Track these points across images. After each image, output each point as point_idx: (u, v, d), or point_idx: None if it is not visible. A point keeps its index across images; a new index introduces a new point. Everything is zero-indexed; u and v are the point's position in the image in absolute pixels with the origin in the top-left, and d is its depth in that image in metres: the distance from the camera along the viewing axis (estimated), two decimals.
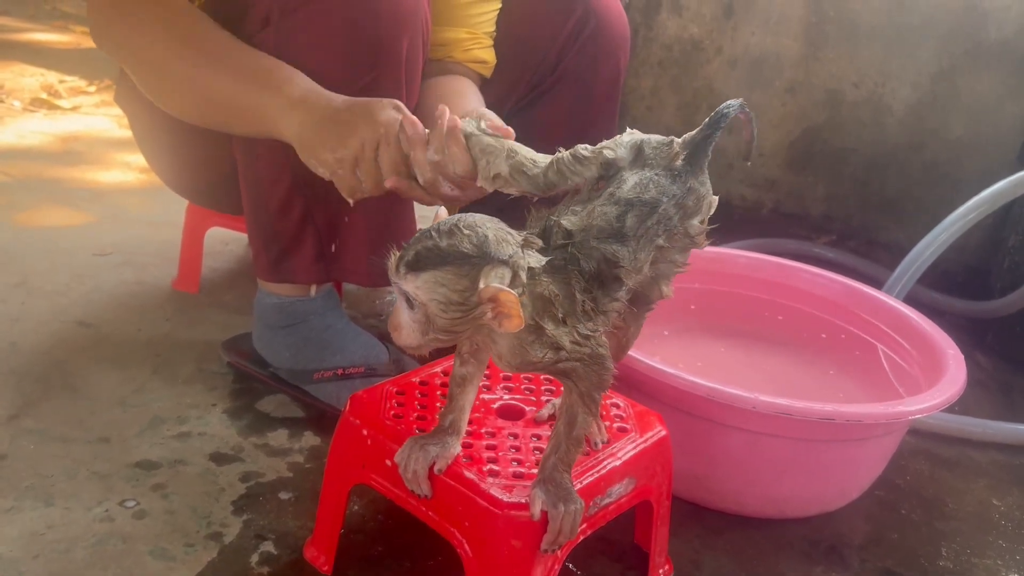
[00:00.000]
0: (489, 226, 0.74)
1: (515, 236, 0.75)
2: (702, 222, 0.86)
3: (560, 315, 0.75)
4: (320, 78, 1.07)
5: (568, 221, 0.78)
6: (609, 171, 0.83)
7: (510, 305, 0.71)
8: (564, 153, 0.85)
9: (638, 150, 0.84)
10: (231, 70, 1.06)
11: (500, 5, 1.38)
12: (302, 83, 1.04)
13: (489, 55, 1.38)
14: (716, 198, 0.87)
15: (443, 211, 0.79)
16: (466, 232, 0.72)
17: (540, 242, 0.76)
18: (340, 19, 1.07)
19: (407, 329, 0.75)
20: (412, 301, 0.73)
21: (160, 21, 1.08)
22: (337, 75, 1.08)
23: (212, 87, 1.07)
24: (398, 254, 0.74)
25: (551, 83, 1.41)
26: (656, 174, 0.82)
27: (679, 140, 0.85)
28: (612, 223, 0.78)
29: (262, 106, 1.04)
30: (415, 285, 0.72)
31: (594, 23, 1.37)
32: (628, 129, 0.88)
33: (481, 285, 0.71)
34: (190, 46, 1.07)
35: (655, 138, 0.85)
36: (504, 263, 0.72)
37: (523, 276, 0.73)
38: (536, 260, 0.74)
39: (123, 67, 1.15)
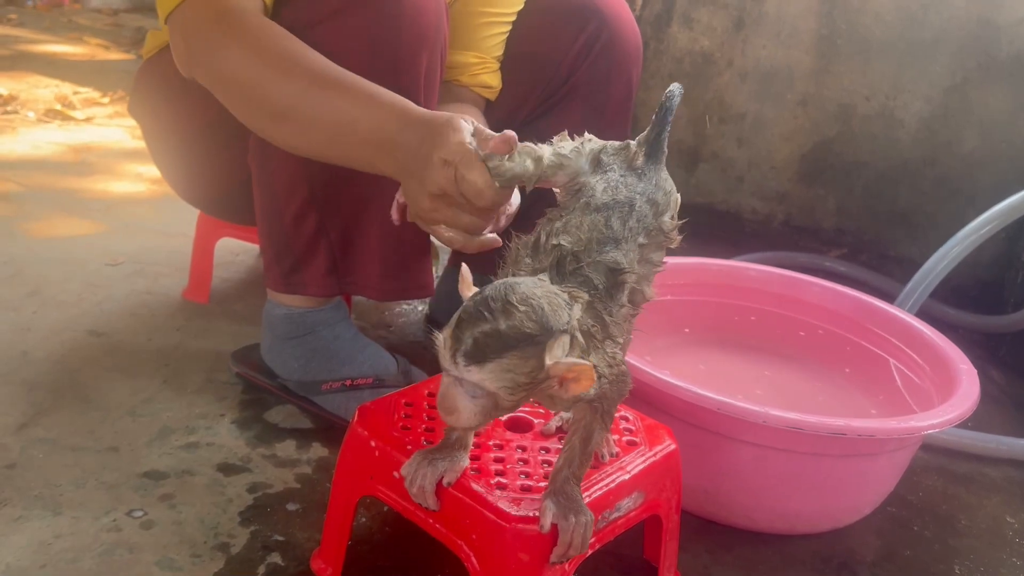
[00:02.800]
0: (539, 293, 0.70)
1: (561, 294, 0.72)
2: (672, 218, 0.87)
3: (599, 343, 0.74)
4: None
5: (567, 241, 0.78)
6: (575, 182, 0.84)
7: (585, 374, 0.69)
8: (558, 144, 0.86)
9: (596, 159, 0.85)
10: (348, 93, 1.00)
11: (510, 28, 1.39)
12: (418, 109, 0.98)
13: (495, 80, 1.38)
14: (679, 195, 0.89)
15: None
16: (523, 309, 0.68)
17: (585, 295, 0.75)
18: (362, 35, 1.07)
19: (468, 414, 0.71)
20: (475, 389, 0.70)
21: (265, 54, 1.02)
22: None
23: (332, 112, 1.00)
24: (450, 340, 0.69)
25: (562, 96, 1.41)
26: (621, 175, 0.84)
27: (634, 141, 0.87)
28: (603, 230, 0.79)
29: (383, 129, 0.97)
30: (480, 377, 0.68)
31: (607, 36, 1.38)
32: (586, 134, 0.89)
33: (549, 362, 0.69)
34: (303, 75, 1.01)
35: (612, 144, 0.87)
36: (564, 331, 0.70)
37: (580, 337, 0.72)
38: (579, 310, 0.73)
39: (221, 99, 1.08)
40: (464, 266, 0.76)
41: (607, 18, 1.38)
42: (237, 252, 1.83)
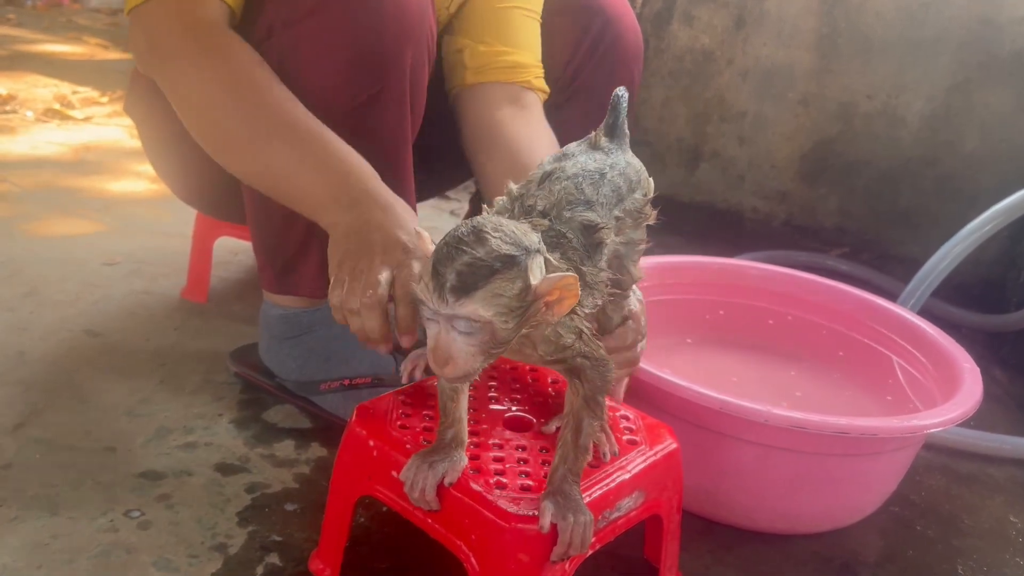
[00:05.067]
0: (503, 222, 0.71)
1: (522, 224, 0.74)
2: (645, 195, 0.89)
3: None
4: (323, 91, 1.06)
5: (540, 203, 0.79)
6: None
7: (572, 288, 0.70)
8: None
9: (562, 153, 0.87)
10: (296, 147, 1.02)
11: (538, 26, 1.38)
12: (362, 184, 1.00)
13: (544, 86, 1.37)
14: (652, 180, 0.91)
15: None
16: (496, 234, 0.69)
17: (546, 222, 0.77)
18: (343, 32, 1.06)
19: (464, 357, 0.70)
20: (470, 325, 0.69)
21: (227, 79, 1.02)
22: (340, 88, 1.07)
23: (273, 159, 1.02)
24: (432, 282, 0.69)
25: (566, 97, 1.40)
26: (588, 156, 0.86)
27: (593, 134, 0.90)
28: (575, 193, 0.80)
29: (315, 194, 1.01)
30: (472, 307, 0.68)
31: (611, 37, 1.37)
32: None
33: (534, 281, 0.69)
34: (258, 113, 1.02)
35: (574, 143, 0.90)
36: (537, 251, 0.71)
37: (552, 259, 0.73)
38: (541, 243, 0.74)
39: (173, 105, 1.08)
40: (422, 231, 0.78)
41: (611, 17, 1.37)
42: (236, 252, 1.82)
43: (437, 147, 1.36)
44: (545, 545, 0.79)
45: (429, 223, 1.23)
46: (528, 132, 1.27)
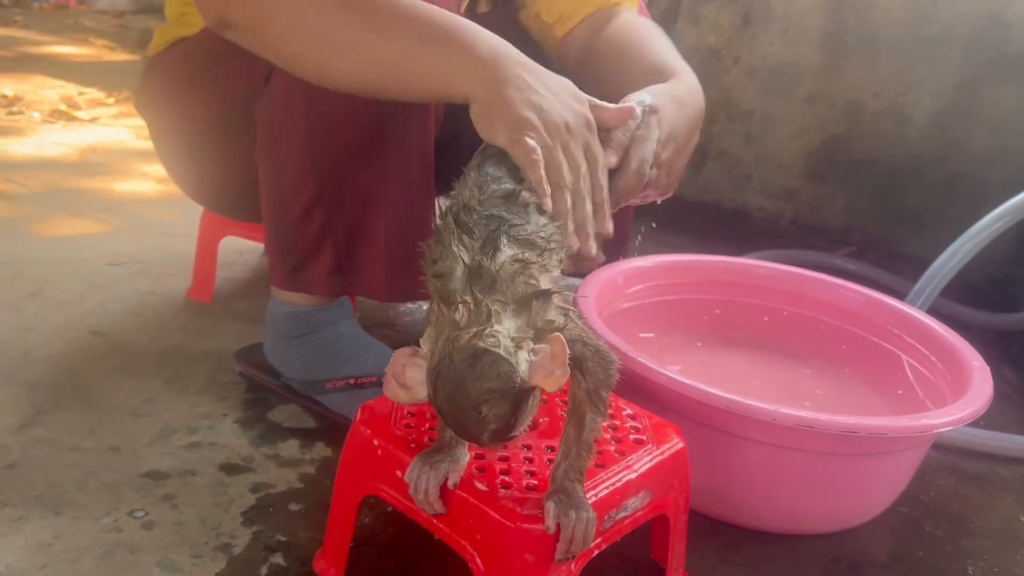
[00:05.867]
0: (480, 357, 0.67)
1: (478, 319, 0.69)
2: None
3: (541, 262, 0.75)
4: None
5: (455, 200, 0.80)
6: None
7: (563, 355, 0.67)
8: None
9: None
10: (404, 32, 0.94)
11: None
12: (488, 40, 0.93)
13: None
14: None
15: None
16: (494, 384, 0.66)
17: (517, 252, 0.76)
18: None
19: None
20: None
21: None
22: None
23: (384, 53, 0.95)
24: (467, 441, 0.73)
25: None
26: (481, 151, 0.89)
27: None
28: (481, 177, 0.82)
29: (445, 71, 0.93)
30: (515, 439, 0.71)
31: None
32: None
33: (536, 381, 0.68)
34: (353, 8, 0.95)
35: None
36: (519, 348, 0.69)
37: (511, 314, 0.70)
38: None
39: (257, 43, 1.01)
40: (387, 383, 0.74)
41: None
42: (241, 252, 1.82)
43: (450, 143, 1.35)
44: (550, 545, 0.79)
45: None
46: (636, 36, 1.26)
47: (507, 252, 0.72)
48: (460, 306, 0.70)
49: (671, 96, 1.05)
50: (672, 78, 1.14)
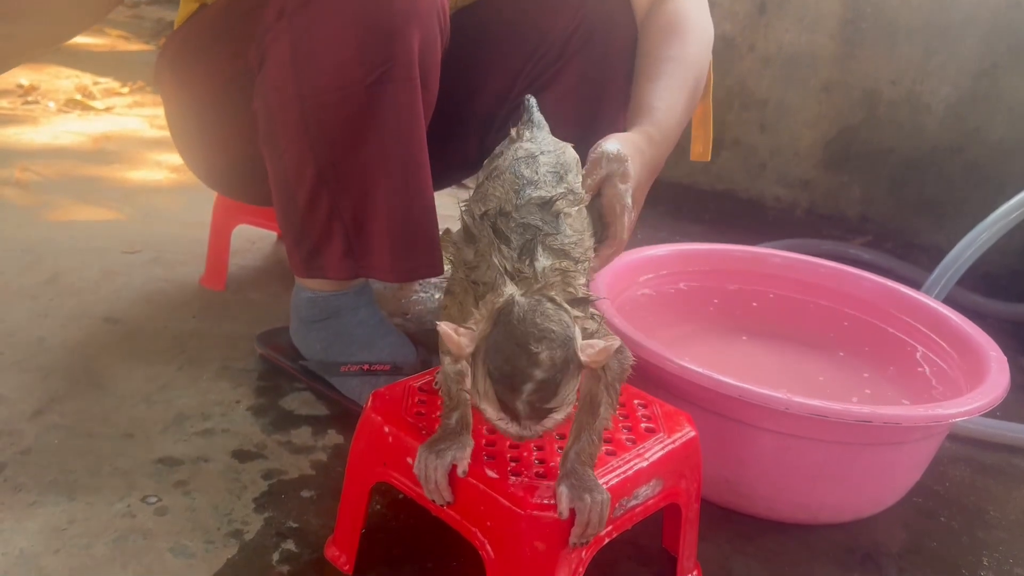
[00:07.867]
0: (539, 319, 0.69)
1: (543, 301, 0.72)
2: (578, 175, 0.91)
3: (574, 267, 0.77)
4: (337, 70, 1.06)
5: (492, 205, 0.81)
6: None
7: (605, 351, 0.70)
8: None
9: (492, 155, 0.91)
10: None
11: None
12: None
13: None
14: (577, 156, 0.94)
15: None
16: (544, 346, 0.68)
17: (567, 264, 0.78)
18: (352, 12, 1.06)
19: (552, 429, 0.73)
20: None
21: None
22: (353, 67, 1.07)
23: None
24: (504, 415, 0.70)
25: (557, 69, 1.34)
26: (514, 147, 0.89)
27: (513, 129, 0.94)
28: (516, 180, 0.82)
29: None
30: (554, 422, 0.71)
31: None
32: None
33: (584, 359, 0.70)
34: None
35: (499, 144, 0.94)
36: (573, 336, 0.70)
37: (578, 313, 0.73)
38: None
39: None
40: (442, 325, 0.72)
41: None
42: (254, 240, 1.82)
43: (453, 135, 1.35)
44: (561, 531, 0.79)
45: (445, 211, 1.23)
46: (665, 38, 1.24)
47: (543, 262, 0.75)
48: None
49: (634, 147, 1.05)
50: (647, 119, 1.13)
